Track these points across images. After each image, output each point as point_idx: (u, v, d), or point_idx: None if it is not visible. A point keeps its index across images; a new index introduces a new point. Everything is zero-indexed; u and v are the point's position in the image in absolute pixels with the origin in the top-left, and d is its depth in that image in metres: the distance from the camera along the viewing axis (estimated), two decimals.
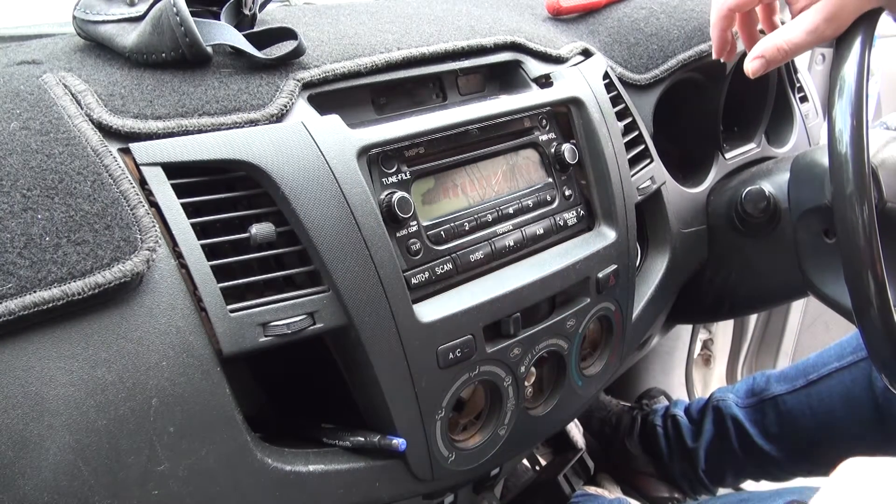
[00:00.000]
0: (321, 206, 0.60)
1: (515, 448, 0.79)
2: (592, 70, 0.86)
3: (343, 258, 0.61)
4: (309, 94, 0.67)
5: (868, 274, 0.67)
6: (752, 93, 1.13)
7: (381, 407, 0.65)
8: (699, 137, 1.08)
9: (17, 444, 0.47)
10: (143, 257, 0.52)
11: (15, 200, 0.50)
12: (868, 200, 0.67)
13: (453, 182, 0.72)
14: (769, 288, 1.03)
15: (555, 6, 0.97)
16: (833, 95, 0.68)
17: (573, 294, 0.80)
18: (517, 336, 0.73)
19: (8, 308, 0.47)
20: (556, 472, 1.24)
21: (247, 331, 0.57)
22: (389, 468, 0.68)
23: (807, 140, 1.22)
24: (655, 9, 1.01)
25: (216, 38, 0.65)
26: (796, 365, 1.25)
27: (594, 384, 0.86)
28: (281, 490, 0.60)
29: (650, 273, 0.94)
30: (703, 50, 0.98)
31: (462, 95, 0.81)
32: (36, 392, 0.48)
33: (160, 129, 0.58)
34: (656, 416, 1.39)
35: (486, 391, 0.75)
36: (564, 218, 0.80)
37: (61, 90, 0.58)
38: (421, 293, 0.67)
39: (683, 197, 0.99)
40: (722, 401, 1.30)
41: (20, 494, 0.48)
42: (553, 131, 0.81)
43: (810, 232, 0.88)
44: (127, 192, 0.54)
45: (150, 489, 0.53)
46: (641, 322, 0.90)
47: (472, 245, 0.72)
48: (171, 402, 0.53)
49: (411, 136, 0.68)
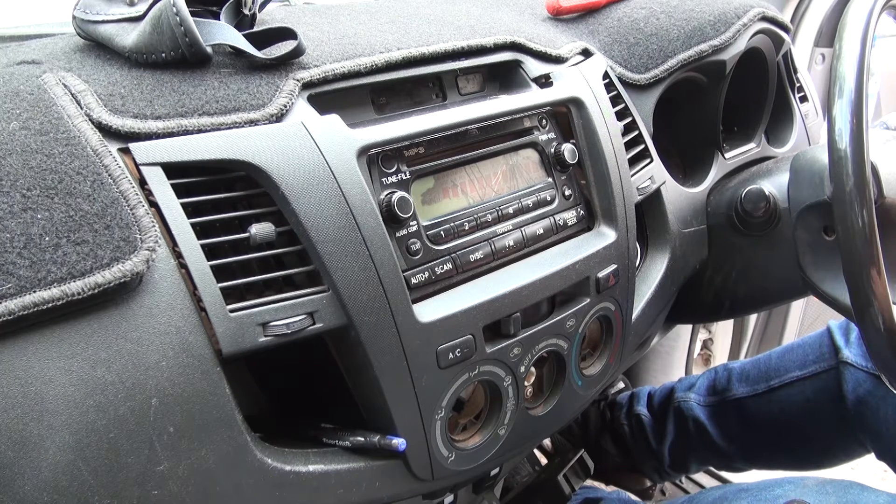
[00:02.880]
0: (321, 205, 0.60)
1: (515, 448, 0.79)
2: (592, 70, 0.86)
3: (343, 258, 0.61)
4: (309, 93, 0.67)
5: (868, 271, 0.67)
6: (751, 93, 1.13)
7: (381, 407, 0.65)
8: (699, 137, 1.08)
9: (16, 443, 0.47)
10: (143, 257, 0.52)
11: (15, 200, 0.50)
12: (868, 198, 0.67)
13: (453, 182, 0.72)
14: (769, 288, 1.03)
15: (555, 6, 0.97)
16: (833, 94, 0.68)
17: (573, 294, 0.80)
18: (517, 336, 0.73)
19: (8, 308, 0.47)
20: (555, 472, 1.24)
21: (246, 331, 0.57)
22: (389, 468, 0.68)
23: (806, 140, 1.22)
24: (655, 9, 1.01)
25: (216, 37, 0.65)
26: (758, 362, 1.26)
27: (594, 384, 0.85)
28: (281, 490, 0.60)
29: (650, 273, 0.94)
30: (703, 50, 0.97)
31: (462, 95, 0.80)
32: (36, 392, 0.48)
33: (160, 129, 0.58)
34: (622, 414, 1.41)
35: (486, 391, 0.75)
36: (564, 218, 0.80)
37: (61, 90, 0.58)
38: (421, 293, 0.67)
39: (683, 197, 0.99)
40: (683, 402, 1.32)
41: (20, 494, 0.48)
42: (553, 131, 0.81)
43: (810, 229, 0.88)
44: (126, 191, 0.54)
45: (149, 489, 0.53)
46: (641, 322, 0.90)
47: (472, 245, 0.72)
48: (170, 402, 0.53)
49: (411, 136, 0.68)
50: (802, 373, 1.18)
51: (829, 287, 0.87)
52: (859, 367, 1.11)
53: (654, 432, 1.37)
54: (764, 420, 1.22)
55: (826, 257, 0.87)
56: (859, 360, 1.11)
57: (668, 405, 1.34)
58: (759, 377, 1.23)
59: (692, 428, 1.30)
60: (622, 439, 1.41)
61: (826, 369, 1.15)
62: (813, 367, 1.17)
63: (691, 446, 1.32)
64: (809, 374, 1.17)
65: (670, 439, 1.34)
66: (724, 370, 1.31)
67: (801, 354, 1.19)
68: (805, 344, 1.20)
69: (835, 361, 1.14)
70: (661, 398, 1.37)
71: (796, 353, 1.20)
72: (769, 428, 1.22)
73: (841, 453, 1.18)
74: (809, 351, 1.18)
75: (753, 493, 0.89)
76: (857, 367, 1.11)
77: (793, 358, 1.20)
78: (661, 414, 1.36)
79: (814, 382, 1.16)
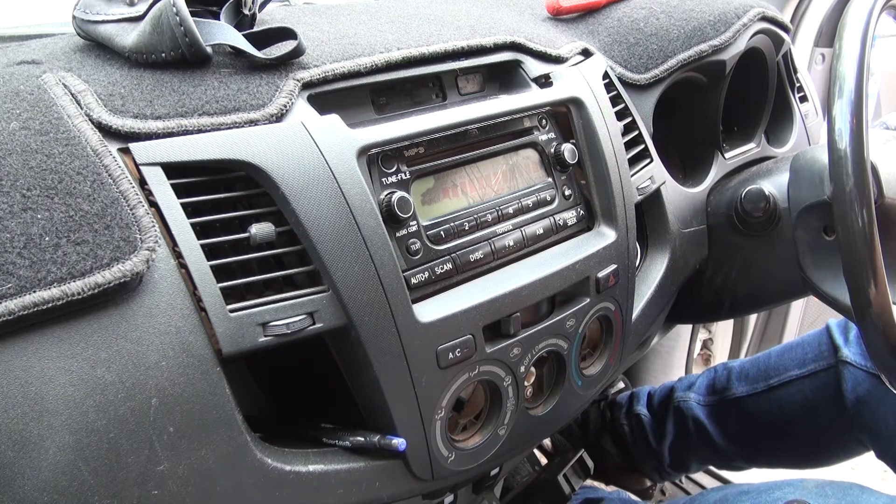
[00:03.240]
0: (321, 205, 0.60)
1: (515, 448, 0.79)
2: (592, 70, 0.86)
3: (343, 258, 0.61)
4: (309, 93, 0.67)
5: (867, 271, 0.67)
6: (751, 93, 1.13)
7: (381, 407, 0.65)
8: (699, 137, 1.08)
9: (16, 443, 0.47)
10: (143, 257, 0.52)
11: (15, 200, 0.50)
12: (868, 197, 0.67)
13: (453, 182, 0.72)
14: (769, 288, 1.03)
15: (555, 6, 0.97)
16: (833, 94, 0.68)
17: (573, 294, 0.80)
18: (517, 336, 0.73)
19: (8, 308, 0.47)
20: (555, 472, 1.24)
21: (246, 331, 0.57)
22: (389, 468, 0.68)
23: (806, 140, 1.22)
24: (655, 9, 1.01)
25: (216, 37, 0.65)
26: (757, 361, 1.27)
27: (594, 384, 0.85)
28: (281, 490, 0.60)
29: (650, 273, 0.94)
30: (703, 50, 0.97)
31: (462, 95, 0.80)
32: (36, 392, 0.48)
33: (160, 129, 0.58)
34: (621, 414, 1.41)
35: (486, 391, 0.75)
36: (564, 218, 0.80)
37: (61, 90, 0.58)
38: (421, 293, 0.67)
39: (683, 197, 0.99)
40: (683, 401, 1.32)
41: (20, 494, 0.48)
42: (553, 131, 0.81)
43: (809, 229, 0.88)
44: (126, 191, 0.54)
45: (149, 489, 0.53)
46: (641, 322, 0.90)
47: (472, 245, 0.72)
48: (170, 402, 0.53)
49: (411, 136, 0.68)
50: (801, 372, 1.18)
51: (829, 287, 0.87)
52: (858, 366, 1.11)
53: (653, 432, 1.37)
54: (763, 419, 1.22)
55: (826, 257, 0.87)
56: (858, 360, 1.11)
57: (668, 405, 1.35)
58: (759, 376, 1.24)
59: (692, 427, 1.30)
60: (622, 439, 1.41)
61: (825, 368, 1.15)
62: (812, 365, 1.17)
63: (691, 446, 1.33)
64: (808, 373, 1.17)
65: (670, 439, 1.34)
66: (723, 369, 1.31)
67: (801, 353, 1.19)
68: (804, 343, 1.20)
69: (834, 360, 1.14)
70: (661, 398, 1.37)
71: (795, 352, 1.20)
72: (769, 427, 1.22)
73: (840, 452, 1.18)
74: (808, 350, 1.18)
75: (754, 496, 0.89)
76: (856, 366, 1.11)
77: (792, 357, 1.20)
78: (660, 414, 1.36)
79: (813, 381, 1.16)
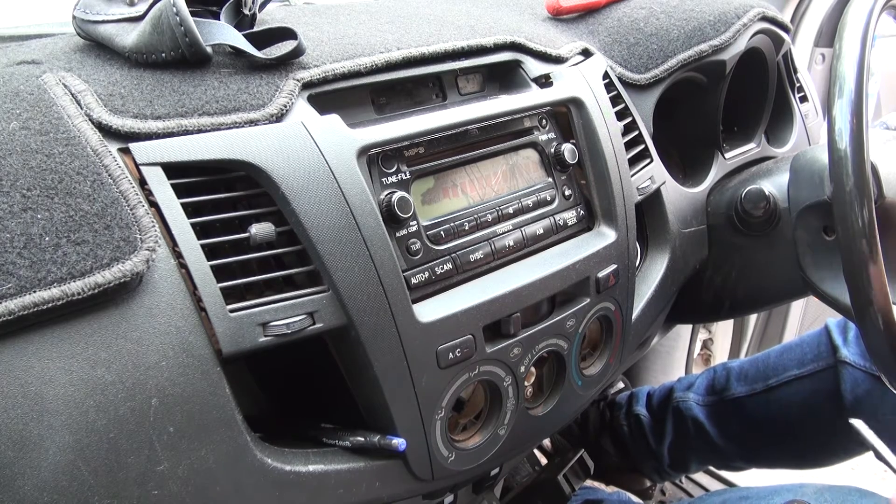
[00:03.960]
0: (321, 205, 0.60)
1: (515, 448, 0.79)
2: (592, 70, 0.86)
3: (343, 258, 0.61)
4: (309, 93, 0.67)
5: (867, 271, 0.67)
6: (751, 93, 1.13)
7: (381, 407, 0.65)
8: (699, 137, 1.08)
9: (16, 443, 0.47)
10: (143, 257, 0.52)
11: (15, 200, 0.50)
12: (868, 197, 0.67)
13: (453, 182, 0.72)
14: (769, 288, 1.04)
15: (555, 6, 0.97)
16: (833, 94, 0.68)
17: (573, 294, 0.80)
18: (517, 336, 0.73)
19: (8, 308, 0.47)
20: (555, 472, 1.24)
21: (246, 331, 0.57)
22: (389, 468, 0.68)
23: (806, 140, 1.22)
24: (655, 9, 1.01)
25: (216, 37, 0.65)
26: (756, 361, 1.27)
27: (594, 384, 0.85)
28: (281, 490, 0.60)
29: (650, 273, 0.94)
30: (703, 50, 0.97)
31: (462, 95, 0.80)
32: (36, 392, 0.48)
33: (160, 129, 0.58)
34: (621, 414, 1.41)
35: (486, 391, 0.75)
36: (564, 218, 0.80)
37: (61, 90, 0.58)
38: (421, 293, 0.67)
39: (683, 197, 0.99)
40: (682, 401, 1.32)
41: (20, 494, 0.48)
42: (553, 131, 0.81)
43: (809, 229, 0.88)
44: (126, 191, 0.54)
45: (149, 489, 0.53)
46: (641, 322, 0.90)
47: (472, 245, 0.72)
48: (170, 402, 0.53)
49: (411, 136, 0.68)
50: (801, 372, 1.18)
51: (829, 287, 0.87)
52: (857, 366, 1.11)
53: (653, 432, 1.37)
54: (763, 419, 1.22)
55: (826, 257, 0.87)
56: (857, 360, 1.11)
57: (667, 405, 1.35)
58: (758, 376, 1.24)
59: (691, 427, 1.30)
60: (621, 439, 1.41)
61: (824, 368, 1.15)
62: (811, 365, 1.17)
63: (690, 446, 1.33)
64: (807, 373, 1.17)
65: (669, 439, 1.34)
66: (722, 369, 1.31)
67: (800, 353, 1.19)
68: (803, 343, 1.21)
69: (833, 360, 1.14)
70: (660, 398, 1.37)
71: (794, 352, 1.20)
72: (768, 427, 1.22)
73: (840, 451, 1.18)
74: (808, 350, 1.19)
75: (753, 501, 0.89)
76: (855, 366, 1.11)
77: (791, 357, 1.21)
78: (660, 414, 1.36)
79: (812, 381, 1.17)
